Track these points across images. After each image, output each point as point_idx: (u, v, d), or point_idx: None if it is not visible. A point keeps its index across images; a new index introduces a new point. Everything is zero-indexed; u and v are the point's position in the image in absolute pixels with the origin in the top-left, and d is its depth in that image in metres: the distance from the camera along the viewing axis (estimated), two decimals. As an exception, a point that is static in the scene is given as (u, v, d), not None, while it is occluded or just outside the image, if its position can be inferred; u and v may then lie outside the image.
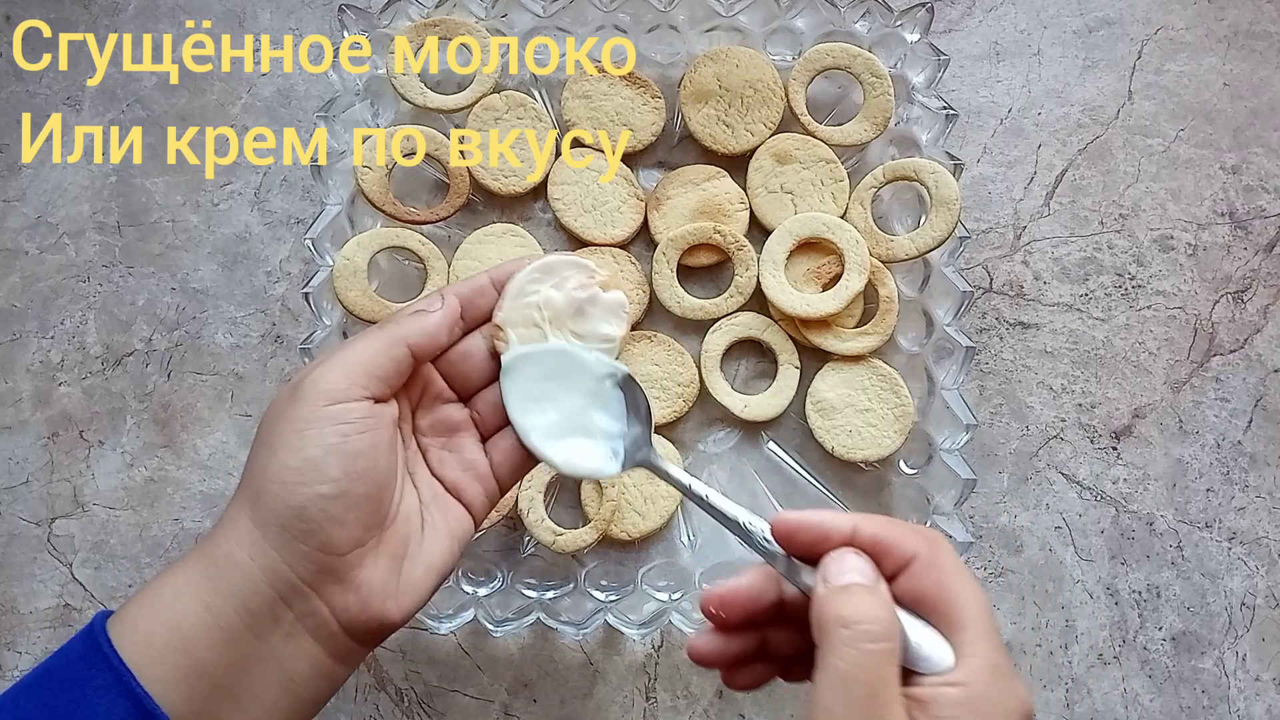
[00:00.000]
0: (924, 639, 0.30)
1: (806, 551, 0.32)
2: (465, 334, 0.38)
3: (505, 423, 0.39)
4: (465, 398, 0.39)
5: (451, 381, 0.38)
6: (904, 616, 0.30)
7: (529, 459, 0.39)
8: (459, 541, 0.37)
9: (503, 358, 0.38)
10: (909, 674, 0.29)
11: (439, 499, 0.37)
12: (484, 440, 0.39)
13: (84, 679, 0.31)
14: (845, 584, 0.30)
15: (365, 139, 0.54)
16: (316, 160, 0.54)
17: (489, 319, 0.38)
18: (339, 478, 0.32)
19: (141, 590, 0.33)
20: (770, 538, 0.33)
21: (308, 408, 0.32)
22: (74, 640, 0.32)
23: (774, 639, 0.34)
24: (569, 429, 0.38)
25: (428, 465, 0.37)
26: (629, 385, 0.39)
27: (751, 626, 0.34)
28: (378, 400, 0.34)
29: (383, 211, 0.54)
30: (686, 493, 0.37)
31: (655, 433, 0.54)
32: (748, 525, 0.35)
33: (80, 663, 0.31)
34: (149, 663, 0.31)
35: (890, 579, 0.31)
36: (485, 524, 0.52)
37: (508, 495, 0.52)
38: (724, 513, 0.36)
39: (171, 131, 0.60)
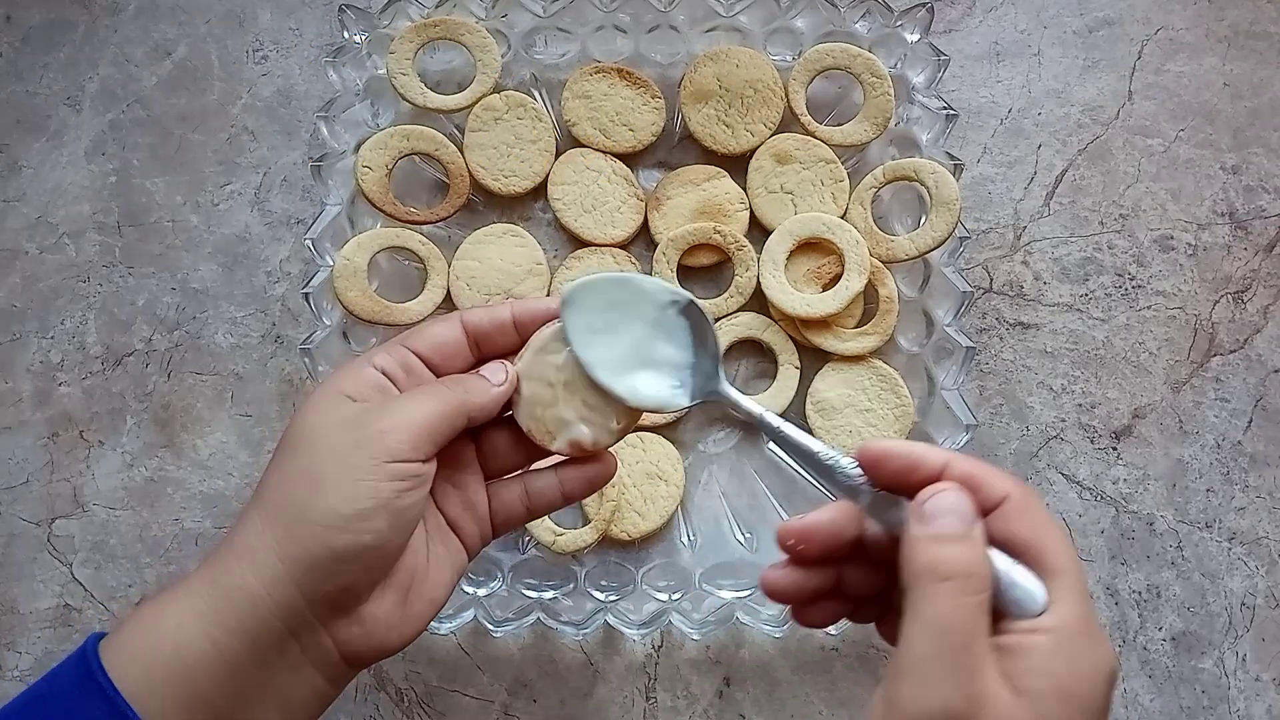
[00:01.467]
0: (1015, 580, 0.29)
1: (894, 482, 0.31)
2: (476, 365, 0.37)
3: (508, 469, 0.38)
4: (474, 431, 0.38)
5: None
6: (995, 556, 0.29)
7: (525, 515, 0.38)
8: (457, 573, 0.37)
9: (563, 289, 0.37)
10: (998, 616, 0.28)
11: (441, 530, 0.37)
12: (486, 479, 0.38)
13: (77, 709, 0.30)
14: (941, 529, 0.28)
15: (365, 139, 0.54)
16: (316, 160, 0.54)
17: (501, 355, 0.38)
18: (383, 530, 0.32)
19: (137, 614, 0.32)
20: (854, 468, 0.32)
21: (368, 460, 0.32)
22: (65, 665, 0.31)
23: (849, 577, 0.33)
24: (634, 361, 0.37)
25: (434, 497, 0.37)
26: (693, 312, 0.37)
27: (828, 562, 0.33)
28: (426, 460, 0.34)
29: (383, 211, 0.54)
30: (761, 424, 0.36)
31: (656, 432, 0.54)
32: (827, 458, 0.33)
33: (74, 690, 0.30)
34: (148, 694, 0.30)
35: (983, 515, 0.30)
36: None
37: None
38: (801, 444, 0.34)
39: (171, 131, 0.60)
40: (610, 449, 0.38)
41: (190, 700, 0.30)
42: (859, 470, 0.32)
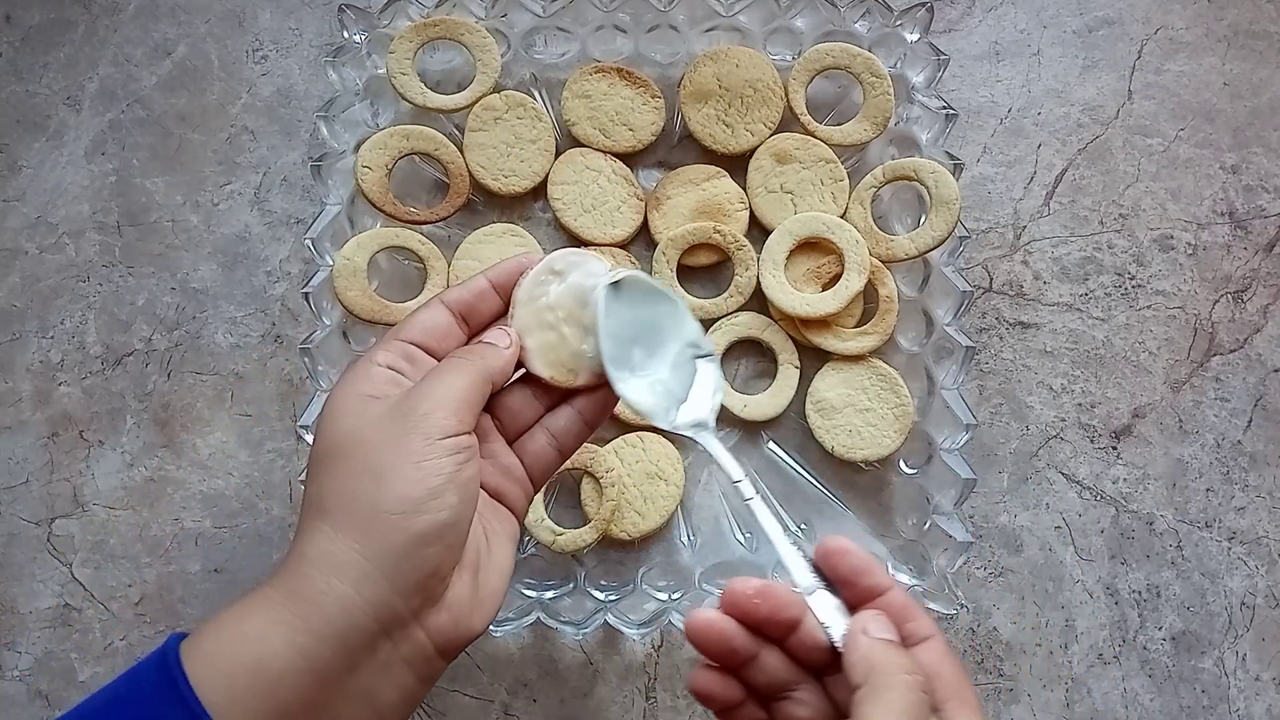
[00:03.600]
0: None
1: (841, 576, 0.33)
2: (470, 339, 0.38)
3: (527, 426, 0.39)
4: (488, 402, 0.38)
5: None
6: None
7: (559, 457, 0.39)
8: (514, 542, 0.38)
9: (614, 274, 0.38)
10: None
11: (489, 504, 0.37)
12: (510, 442, 0.39)
13: (157, 715, 0.30)
14: (892, 638, 0.31)
15: (365, 139, 0.54)
16: (316, 160, 0.54)
17: (490, 324, 0.38)
18: (456, 504, 0.32)
19: (217, 623, 0.31)
20: (807, 562, 0.34)
21: (422, 442, 0.32)
22: (146, 667, 0.31)
23: (766, 661, 0.34)
24: (641, 368, 0.38)
25: None
26: (707, 364, 0.39)
27: (759, 633, 0.34)
28: (471, 432, 0.34)
29: (382, 211, 0.54)
30: (737, 489, 0.37)
31: (656, 432, 0.54)
32: (787, 546, 0.35)
33: (154, 695, 0.30)
34: (229, 705, 0.29)
35: (913, 645, 0.32)
36: None
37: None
38: (766, 527, 0.36)
39: (171, 131, 0.60)
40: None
41: (274, 712, 0.30)
42: (812, 565, 0.34)
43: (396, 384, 0.35)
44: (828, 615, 0.33)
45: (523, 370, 0.38)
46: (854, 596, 0.33)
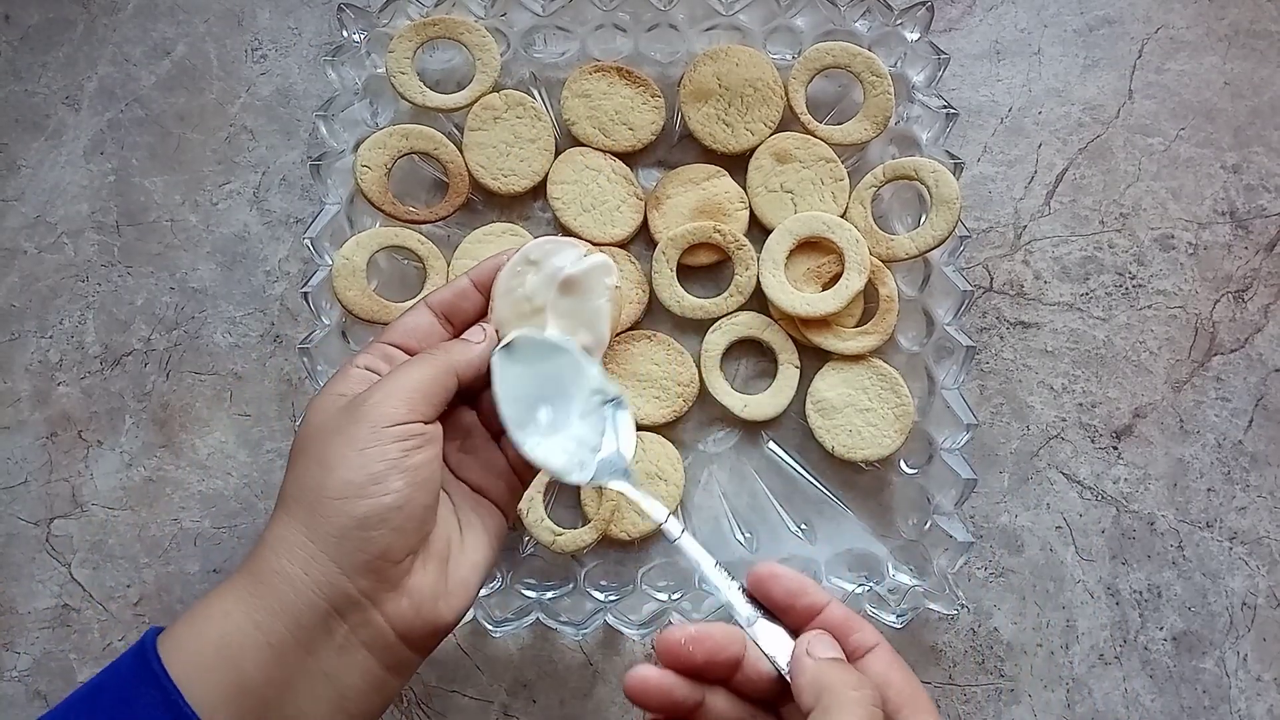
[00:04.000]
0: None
1: (778, 602, 0.34)
2: (455, 336, 0.39)
3: None
4: (470, 400, 0.39)
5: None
6: None
7: None
8: (496, 538, 0.38)
9: (506, 337, 0.38)
10: None
11: (469, 499, 0.38)
12: (495, 439, 0.40)
13: (132, 696, 0.31)
14: (837, 656, 0.31)
15: (364, 138, 0.54)
16: (315, 159, 0.54)
17: (474, 322, 0.39)
18: (401, 489, 0.33)
19: (190, 609, 0.33)
20: (742, 591, 0.34)
21: (368, 430, 0.33)
22: (125, 657, 0.32)
23: (713, 704, 0.34)
24: (550, 426, 0.38)
25: (450, 469, 0.38)
26: (617, 407, 0.39)
27: (702, 678, 0.33)
28: (428, 422, 0.35)
29: (382, 211, 0.54)
30: (659, 525, 0.37)
31: (656, 432, 0.54)
32: (720, 577, 0.35)
33: (130, 679, 0.31)
34: (196, 681, 0.31)
35: (857, 659, 0.32)
36: None
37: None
38: (696, 560, 0.36)
39: (170, 131, 0.60)
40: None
41: (237, 685, 0.31)
42: (747, 596, 0.34)
43: (369, 383, 0.36)
44: (771, 644, 0.33)
45: None
46: (794, 619, 0.34)
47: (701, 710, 0.33)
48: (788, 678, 0.32)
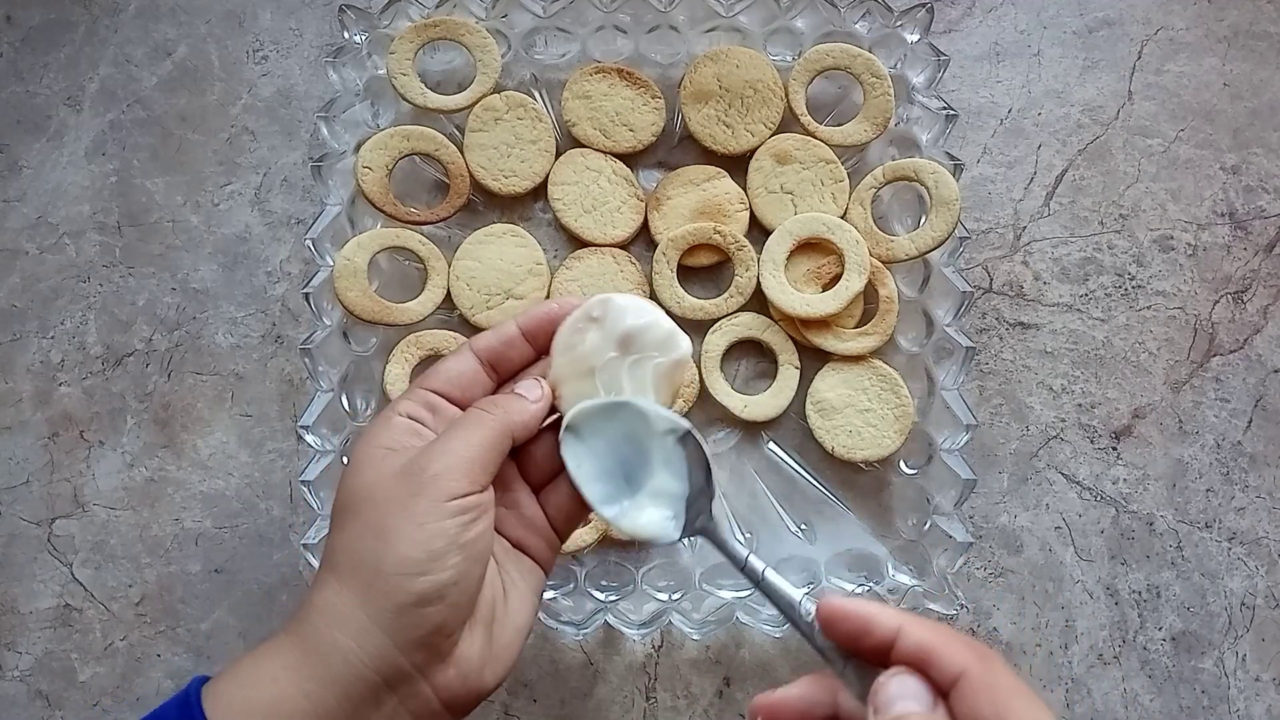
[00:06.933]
0: None
1: (848, 643, 0.31)
2: (500, 385, 0.38)
3: (553, 474, 0.38)
4: (514, 450, 0.38)
5: None
6: None
7: (582, 509, 0.38)
8: (537, 595, 0.37)
9: (565, 416, 0.37)
10: None
11: (510, 555, 0.37)
12: (535, 492, 0.38)
13: None
14: (900, 714, 0.27)
15: (365, 139, 0.54)
16: (317, 160, 0.54)
17: (519, 370, 0.38)
18: (460, 564, 0.32)
19: (235, 666, 0.33)
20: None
21: (428, 504, 0.32)
22: (169, 707, 0.32)
23: None
24: (631, 488, 0.37)
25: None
26: (689, 442, 0.37)
27: None
28: (483, 490, 0.34)
29: (383, 212, 0.54)
30: (746, 572, 0.35)
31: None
32: (809, 617, 0.32)
33: None
34: None
35: (943, 694, 0.28)
36: None
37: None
38: (785, 598, 0.34)
39: (172, 131, 0.60)
40: None
41: None
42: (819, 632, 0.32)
43: (416, 434, 0.35)
44: (862, 686, 0.30)
45: (555, 415, 0.38)
46: (872, 658, 0.31)
47: None
48: None
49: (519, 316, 0.38)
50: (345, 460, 0.52)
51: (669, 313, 0.55)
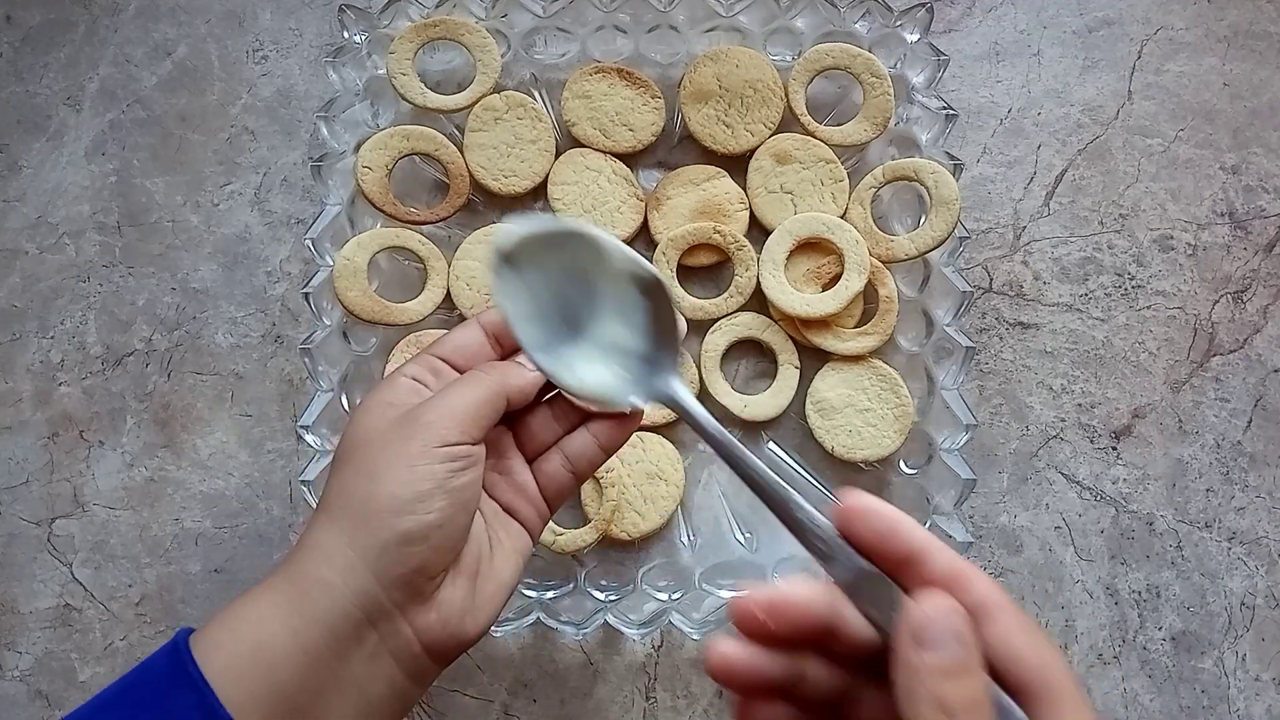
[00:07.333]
0: (1011, 710, 0.24)
1: (868, 545, 0.28)
2: (504, 359, 0.39)
3: (547, 446, 0.38)
4: (508, 419, 0.39)
5: None
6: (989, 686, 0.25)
7: (573, 480, 0.38)
8: (522, 556, 0.38)
9: (495, 237, 0.32)
10: None
11: (499, 517, 0.38)
12: (529, 462, 0.39)
13: (166, 697, 0.31)
14: (944, 660, 0.24)
15: (365, 139, 0.54)
16: (316, 160, 0.54)
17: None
18: (445, 508, 0.33)
19: (223, 612, 0.33)
20: (830, 528, 0.28)
21: (419, 447, 0.33)
22: (158, 657, 0.33)
23: (811, 673, 0.29)
24: (577, 338, 0.34)
25: (484, 487, 0.38)
26: (656, 293, 0.33)
27: (789, 648, 0.28)
28: (475, 444, 0.35)
29: (383, 211, 0.54)
30: (720, 447, 0.30)
31: (656, 432, 0.54)
32: (799, 509, 0.28)
33: (165, 680, 0.32)
34: (232, 684, 0.31)
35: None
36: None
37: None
38: (772, 490, 0.29)
39: (171, 131, 0.60)
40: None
41: (271, 691, 0.31)
42: (835, 532, 0.28)
43: (416, 393, 0.36)
44: (872, 601, 0.27)
45: (554, 391, 0.38)
46: (889, 569, 0.27)
47: (801, 685, 0.29)
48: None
49: None
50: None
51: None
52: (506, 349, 0.39)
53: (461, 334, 0.39)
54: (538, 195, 0.57)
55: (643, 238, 0.58)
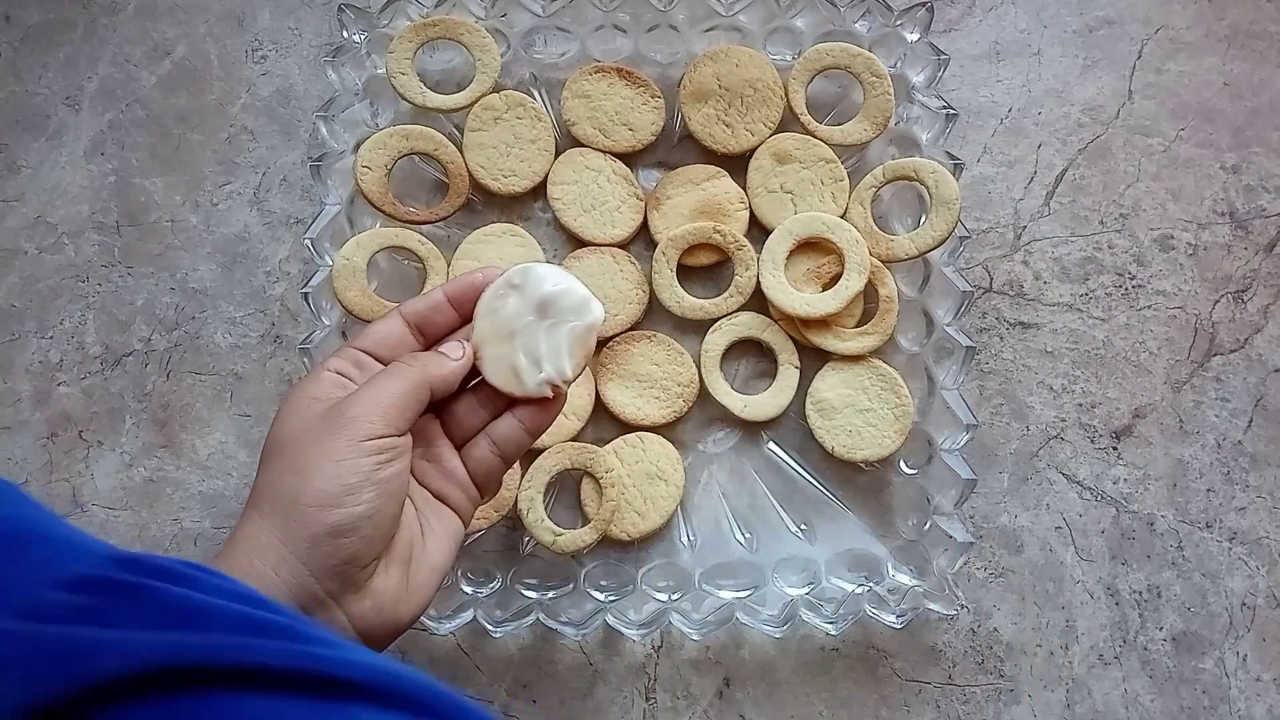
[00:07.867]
0: None
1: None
2: (427, 349, 0.40)
3: (474, 432, 0.40)
4: (435, 409, 0.40)
5: None
6: None
7: (501, 464, 0.40)
8: (454, 541, 0.39)
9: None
10: None
11: (430, 504, 0.39)
12: (458, 448, 0.40)
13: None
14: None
15: (364, 139, 0.54)
16: (316, 160, 0.54)
17: (444, 335, 0.40)
18: (372, 499, 0.34)
19: None
20: None
21: (345, 442, 0.34)
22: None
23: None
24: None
25: (414, 475, 0.39)
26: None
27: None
28: (400, 435, 0.36)
29: (382, 211, 0.54)
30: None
31: (656, 432, 0.54)
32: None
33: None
34: None
35: None
36: (484, 524, 0.52)
37: (508, 495, 0.52)
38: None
39: (171, 131, 0.60)
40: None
41: None
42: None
43: (341, 387, 0.37)
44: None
45: (478, 379, 0.40)
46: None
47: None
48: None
49: (445, 284, 0.40)
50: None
51: (669, 313, 0.55)
52: (428, 338, 0.40)
53: (383, 326, 0.39)
54: (537, 195, 0.57)
55: (643, 237, 0.57)
